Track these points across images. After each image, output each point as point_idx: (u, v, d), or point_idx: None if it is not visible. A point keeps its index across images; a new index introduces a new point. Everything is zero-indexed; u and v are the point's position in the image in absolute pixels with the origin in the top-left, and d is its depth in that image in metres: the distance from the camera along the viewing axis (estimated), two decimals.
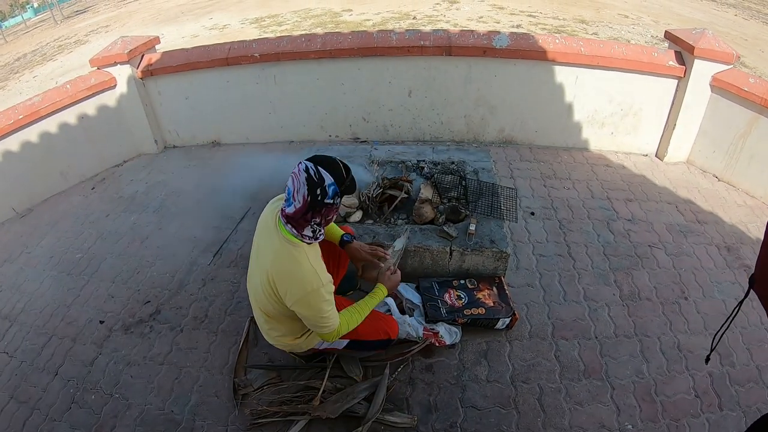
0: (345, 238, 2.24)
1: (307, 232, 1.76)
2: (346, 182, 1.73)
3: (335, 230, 2.28)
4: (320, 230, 1.80)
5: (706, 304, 2.74)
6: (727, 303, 2.74)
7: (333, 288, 1.86)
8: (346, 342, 2.17)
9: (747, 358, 2.43)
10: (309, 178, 1.66)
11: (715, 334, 1.58)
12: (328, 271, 2.32)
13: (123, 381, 2.48)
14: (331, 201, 1.71)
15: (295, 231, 1.75)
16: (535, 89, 4.11)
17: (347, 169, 1.76)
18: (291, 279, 1.76)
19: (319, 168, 1.67)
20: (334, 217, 1.84)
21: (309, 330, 2.07)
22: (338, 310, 1.94)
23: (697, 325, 2.60)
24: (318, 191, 1.67)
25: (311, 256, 1.81)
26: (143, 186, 4.19)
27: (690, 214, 3.47)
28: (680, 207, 3.55)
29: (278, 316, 1.98)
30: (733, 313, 1.52)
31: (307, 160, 1.71)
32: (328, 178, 1.67)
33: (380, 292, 2.10)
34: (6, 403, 2.46)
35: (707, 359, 1.70)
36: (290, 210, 1.72)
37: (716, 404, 2.22)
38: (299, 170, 1.68)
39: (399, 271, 2.20)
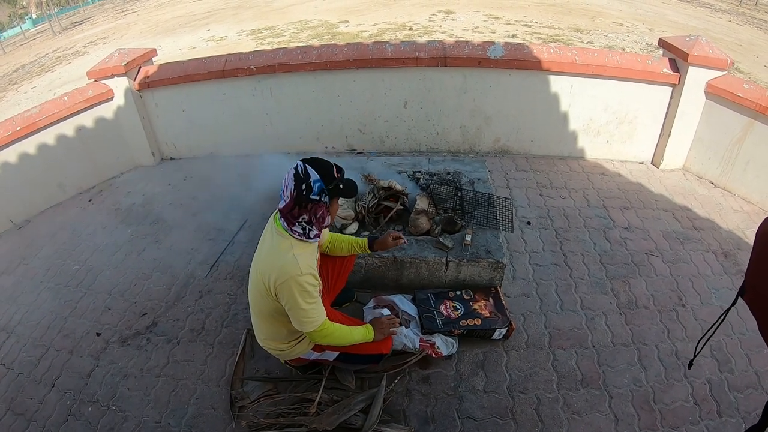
0: (371, 239, 2.35)
1: (297, 228, 1.84)
2: (336, 182, 1.81)
3: (356, 241, 2.33)
4: (311, 229, 1.84)
5: (704, 311, 2.74)
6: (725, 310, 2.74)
7: (317, 284, 1.87)
8: (336, 354, 2.18)
9: (746, 364, 2.43)
10: (296, 175, 1.77)
11: (699, 341, 1.59)
12: (328, 281, 2.33)
13: (120, 393, 2.47)
14: (317, 197, 1.79)
15: (286, 225, 1.84)
16: (530, 99, 4.13)
17: (340, 171, 1.85)
18: (273, 265, 1.82)
19: (307, 166, 1.78)
20: (326, 216, 1.87)
21: (296, 338, 2.10)
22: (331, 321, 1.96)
23: (695, 332, 2.59)
24: (303, 187, 1.76)
25: (298, 248, 1.84)
26: (140, 198, 4.20)
27: (687, 221, 3.48)
28: (677, 214, 3.56)
29: (269, 315, 1.98)
30: (719, 321, 1.54)
31: (300, 160, 1.81)
32: (314, 175, 1.77)
33: (367, 332, 2.09)
34: (3, 415, 2.44)
35: (690, 364, 1.72)
36: (281, 205, 1.83)
37: (715, 411, 2.21)
38: (290, 169, 1.80)
39: (397, 329, 2.25)
